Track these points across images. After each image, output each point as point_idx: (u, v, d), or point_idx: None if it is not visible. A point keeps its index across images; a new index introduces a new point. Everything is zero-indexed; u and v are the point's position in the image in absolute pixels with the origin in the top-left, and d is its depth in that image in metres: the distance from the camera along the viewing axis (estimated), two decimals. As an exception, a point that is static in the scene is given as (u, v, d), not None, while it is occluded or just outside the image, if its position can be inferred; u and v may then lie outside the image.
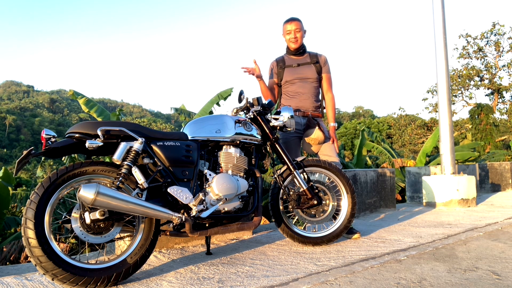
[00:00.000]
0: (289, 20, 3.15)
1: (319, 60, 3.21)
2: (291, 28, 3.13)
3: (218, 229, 2.31)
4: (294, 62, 3.20)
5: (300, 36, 3.14)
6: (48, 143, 1.99)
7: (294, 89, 3.18)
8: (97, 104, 7.84)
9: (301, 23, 3.14)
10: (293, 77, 3.17)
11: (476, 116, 21.54)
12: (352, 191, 2.85)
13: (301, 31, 3.14)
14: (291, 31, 3.13)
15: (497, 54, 25.32)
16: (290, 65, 3.19)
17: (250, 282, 1.96)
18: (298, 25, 3.12)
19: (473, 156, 11.18)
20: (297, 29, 3.12)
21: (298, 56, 3.21)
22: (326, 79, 3.22)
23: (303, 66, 3.18)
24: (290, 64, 3.20)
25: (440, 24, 4.96)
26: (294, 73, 3.17)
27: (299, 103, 3.18)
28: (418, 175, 5.44)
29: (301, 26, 3.14)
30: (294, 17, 3.18)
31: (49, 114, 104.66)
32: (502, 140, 22.85)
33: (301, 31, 3.14)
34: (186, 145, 2.29)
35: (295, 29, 3.11)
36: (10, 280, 2.10)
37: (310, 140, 3.06)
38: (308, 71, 3.17)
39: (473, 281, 1.86)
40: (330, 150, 3.12)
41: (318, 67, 3.18)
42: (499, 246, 2.56)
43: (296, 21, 3.13)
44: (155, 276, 2.13)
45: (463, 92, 26.10)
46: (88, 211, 1.93)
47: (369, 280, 1.93)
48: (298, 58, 3.21)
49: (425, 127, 25.17)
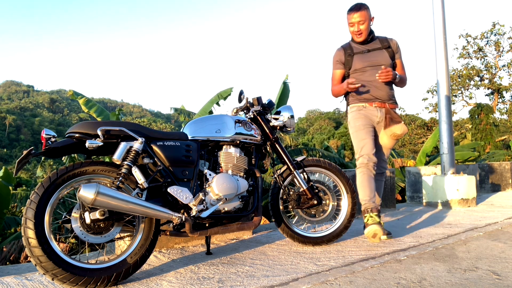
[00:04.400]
0: (352, 10, 2.79)
1: (391, 44, 2.90)
2: (354, 20, 2.79)
3: (218, 229, 2.31)
4: (363, 49, 2.89)
5: (366, 28, 2.80)
6: (48, 143, 1.99)
7: (366, 78, 2.85)
8: (97, 104, 7.85)
9: (368, 11, 2.79)
10: (364, 64, 2.85)
11: (476, 116, 21.55)
12: (352, 191, 2.86)
13: (366, 21, 2.78)
14: (354, 23, 2.80)
15: (497, 54, 25.35)
16: (360, 51, 2.88)
17: (250, 282, 1.96)
18: (364, 15, 2.77)
19: (473, 156, 11.18)
20: (361, 21, 2.77)
21: (366, 45, 2.90)
22: (399, 65, 2.94)
23: (374, 52, 2.87)
24: (359, 51, 2.89)
25: (440, 24, 4.96)
26: (365, 60, 2.85)
27: (374, 92, 2.87)
28: (418, 175, 5.43)
29: (366, 16, 2.78)
30: (358, 4, 2.80)
31: (49, 114, 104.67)
32: (502, 140, 22.86)
33: (366, 21, 2.78)
34: (186, 145, 2.30)
35: (359, 21, 2.77)
36: (10, 280, 2.10)
37: (393, 135, 2.84)
38: (381, 57, 2.86)
39: (473, 281, 1.86)
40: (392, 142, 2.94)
41: (390, 52, 2.88)
42: (499, 246, 2.56)
43: (360, 11, 2.76)
44: (155, 276, 2.13)
45: (463, 92, 26.13)
46: (88, 211, 1.93)
47: (369, 280, 1.93)
48: (367, 46, 2.90)
49: (425, 127, 25.18)
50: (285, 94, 8.52)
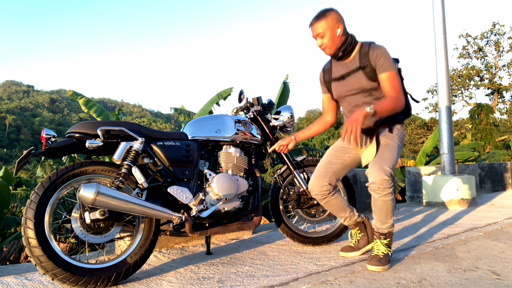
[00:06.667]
0: (311, 23, 2.29)
1: (370, 59, 2.22)
2: (313, 33, 2.28)
3: (218, 229, 2.31)
4: (339, 72, 2.36)
5: (330, 39, 2.22)
6: (48, 143, 1.99)
7: (346, 106, 2.41)
8: (97, 104, 7.85)
9: (329, 18, 2.20)
10: (341, 93, 2.37)
11: (476, 116, 21.56)
12: (352, 191, 2.85)
13: (328, 32, 2.21)
14: (315, 37, 2.30)
15: (497, 54, 25.36)
16: (336, 78, 2.37)
17: (250, 282, 1.96)
18: (323, 26, 2.21)
19: (473, 156, 11.18)
20: (321, 33, 2.23)
21: (344, 60, 2.32)
22: (385, 81, 2.18)
23: (350, 76, 2.30)
24: (336, 77, 2.38)
25: (440, 24, 4.96)
26: (342, 88, 2.36)
27: None
28: (418, 175, 5.43)
29: (327, 26, 2.20)
30: (318, 13, 2.26)
31: (49, 114, 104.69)
32: (502, 140, 22.87)
33: (328, 32, 2.21)
34: (186, 145, 2.30)
35: (318, 34, 2.24)
36: (10, 280, 2.11)
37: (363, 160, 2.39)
38: (356, 82, 2.28)
39: (473, 281, 1.86)
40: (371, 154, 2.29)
41: (369, 72, 2.22)
42: (499, 246, 2.56)
43: (319, 21, 2.22)
44: (155, 276, 2.13)
45: (463, 92, 26.13)
46: (88, 211, 1.93)
47: (369, 280, 1.93)
48: (345, 62, 2.32)
49: (425, 127, 25.16)
50: (285, 94, 8.51)
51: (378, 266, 2.08)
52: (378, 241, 2.19)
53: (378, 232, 2.22)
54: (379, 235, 2.21)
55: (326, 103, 2.52)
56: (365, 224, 2.50)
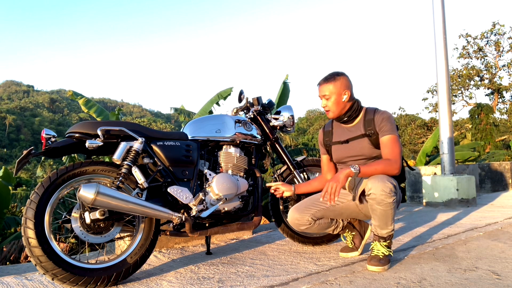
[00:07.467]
0: (319, 82, 2.29)
1: (375, 124, 2.22)
2: (320, 93, 2.28)
3: (218, 229, 2.31)
4: (342, 136, 2.33)
5: (334, 103, 2.23)
6: (48, 143, 1.99)
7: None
8: (97, 104, 7.85)
9: (337, 83, 2.22)
10: (342, 157, 2.34)
11: (476, 116, 21.55)
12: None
13: (333, 96, 2.22)
14: (320, 97, 2.29)
15: (497, 54, 25.34)
16: (338, 142, 2.35)
17: (250, 282, 1.96)
18: (329, 88, 2.21)
19: (473, 156, 11.18)
20: (327, 96, 2.24)
21: (347, 124, 2.32)
22: (384, 142, 2.18)
23: (353, 141, 2.28)
24: (337, 140, 2.35)
25: (440, 24, 4.96)
26: (344, 152, 2.32)
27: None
28: (418, 175, 5.44)
29: (334, 90, 2.21)
30: (328, 75, 2.27)
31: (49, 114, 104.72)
32: (502, 140, 22.86)
33: (333, 96, 2.22)
34: (186, 145, 2.30)
35: (324, 95, 2.25)
36: (10, 280, 2.11)
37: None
38: (359, 148, 2.26)
39: (473, 281, 1.86)
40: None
41: (373, 140, 2.22)
42: (499, 246, 2.56)
43: (326, 83, 2.24)
44: (155, 275, 2.13)
45: (463, 92, 26.12)
46: (88, 211, 1.93)
47: (369, 280, 1.93)
48: (347, 127, 2.32)
49: (425, 127, 25.16)
50: (285, 94, 8.51)
51: (378, 266, 2.08)
52: (378, 244, 2.14)
53: (378, 235, 2.15)
54: (379, 238, 2.14)
55: (325, 164, 2.51)
56: (351, 222, 2.52)
